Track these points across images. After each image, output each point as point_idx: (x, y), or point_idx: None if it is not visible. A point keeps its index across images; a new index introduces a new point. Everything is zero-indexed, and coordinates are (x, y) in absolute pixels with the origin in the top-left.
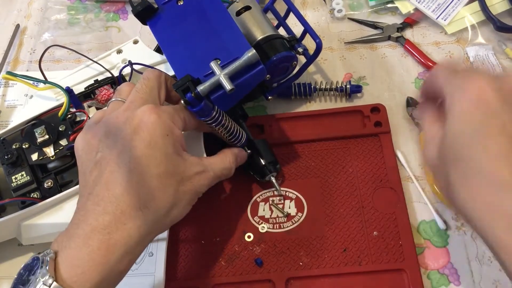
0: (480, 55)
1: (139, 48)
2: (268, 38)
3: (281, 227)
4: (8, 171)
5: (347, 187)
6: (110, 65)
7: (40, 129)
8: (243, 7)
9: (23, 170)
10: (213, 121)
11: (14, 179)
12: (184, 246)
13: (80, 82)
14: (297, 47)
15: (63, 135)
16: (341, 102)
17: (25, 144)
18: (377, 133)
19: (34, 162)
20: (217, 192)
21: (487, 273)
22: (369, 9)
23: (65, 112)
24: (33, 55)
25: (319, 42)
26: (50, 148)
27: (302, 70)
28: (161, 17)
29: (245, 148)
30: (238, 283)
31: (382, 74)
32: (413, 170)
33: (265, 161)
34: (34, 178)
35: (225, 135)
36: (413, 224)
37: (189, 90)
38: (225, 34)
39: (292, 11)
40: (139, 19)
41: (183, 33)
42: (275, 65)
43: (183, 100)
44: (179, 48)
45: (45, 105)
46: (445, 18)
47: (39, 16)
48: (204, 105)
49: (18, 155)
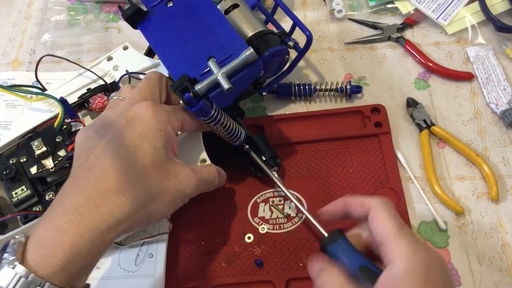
0: (480, 55)
1: (129, 53)
2: (259, 34)
3: (281, 228)
4: (8, 187)
5: (347, 187)
6: (101, 72)
7: (37, 141)
8: (231, 5)
9: (23, 184)
10: (212, 120)
11: (15, 194)
12: (184, 247)
13: (72, 92)
14: (287, 41)
15: (60, 146)
16: (341, 103)
17: (23, 158)
18: (377, 133)
19: (33, 175)
20: (217, 193)
21: (487, 273)
22: (369, 9)
23: (61, 122)
24: (33, 56)
25: (309, 35)
26: (49, 160)
27: (294, 64)
28: (151, 20)
29: (244, 145)
30: (238, 284)
31: (382, 75)
32: (413, 170)
33: (265, 156)
34: (34, 191)
35: (224, 134)
36: (413, 225)
37: (187, 90)
38: (217, 31)
39: (280, 6)
40: (129, 23)
41: (175, 33)
42: (268, 60)
43: (181, 100)
44: (173, 49)
45: (39, 117)
46: (445, 19)
47: (39, 17)
48: (203, 104)
49: (16, 170)
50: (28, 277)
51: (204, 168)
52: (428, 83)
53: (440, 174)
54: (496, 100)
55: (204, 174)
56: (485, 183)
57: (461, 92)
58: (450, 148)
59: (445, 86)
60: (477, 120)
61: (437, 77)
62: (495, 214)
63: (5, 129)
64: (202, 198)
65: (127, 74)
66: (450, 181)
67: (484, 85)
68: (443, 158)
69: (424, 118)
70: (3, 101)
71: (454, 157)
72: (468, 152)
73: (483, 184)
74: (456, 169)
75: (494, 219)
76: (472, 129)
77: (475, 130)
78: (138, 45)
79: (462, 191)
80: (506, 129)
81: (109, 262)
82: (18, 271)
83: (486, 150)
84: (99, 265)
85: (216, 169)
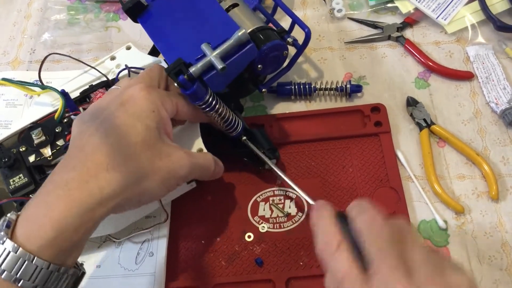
0: (480, 55)
1: (132, 53)
2: (258, 29)
3: (281, 227)
4: (6, 175)
5: (347, 186)
6: (105, 71)
7: (36, 131)
8: (231, 5)
9: (21, 172)
10: (207, 106)
11: (12, 182)
12: (184, 246)
13: (75, 89)
14: (286, 38)
15: (60, 136)
16: (341, 102)
17: (22, 147)
18: (377, 132)
19: (31, 163)
20: (217, 191)
21: (487, 272)
22: (369, 8)
23: (61, 114)
24: (33, 55)
25: (308, 31)
26: (47, 149)
27: (294, 61)
28: (151, 13)
29: (242, 136)
30: (238, 283)
31: (382, 74)
32: (413, 169)
33: (264, 147)
34: (32, 179)
35: (221, 123)
36: (413, 224)
37: (181, 72)
38: (213, 19)
39: (278, 3)
40: (129, 16)
41: (174, 25)
42: (266, 53)
43: (176, 82)
44: (171, 39)
45: (42, 111)
46: (445, 18)
47: (39, 16)
48: (197, 87)
49: (15, 158)
50: (16, 252)
51: (200, 154)
52: (428, 82)
53: (440, 173)
54: (496, 99)
55: (199, 160)
56: (485, 182)
57: (461, 91)
58: (450, 147)
59: (445, 85)
60: (477, 119)
61: (437, 76)
62: (495, 213)
63: (5, 128)
64: (202, 197)
65: (127, 68)
66: (450, 180)
67: (484, 84)
68: (443, 157)
69: (424, 117)
70: (3, 100)
71: (454, 156)
72: (468, 151)
73: (483, 183)
74: (456, 168)
75: (494, 218)
76: (472, 128)
77: (475, 129)
78: (139, 44)
79: (462, 190)
80: (506, 128)
81: (110, 261)
82: (7, 246)
83: (486, 149)
84: (99, 263)
85: (213, 157)
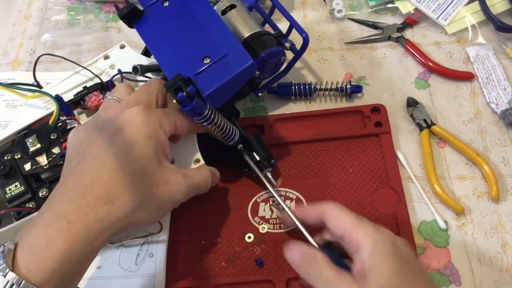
0: (480, 55)
1: (126, 52)
2: (256, 35)
3: (282, 227)
4: (1, 183)
5: (347, 187)
6: (98, 70)
7: (31, 138)
8: (228, 6)
9: (17, 180)
10: (206, 120)
11: (8, 190)
12: (184, 247)
13: (69, 89)
14: (284, 42)
15: (55, 143)
16: (341, 102)
17: (17, 155)
18: (378, 133)
19: (27, 172)
20: (217, 193)
21: (488, 273)
22: (369, 9)
23: (56, 120)
24: (33, 55)
25: (306, 36)
26: (43, 157)
27: (291, 66)
28: (147, 19)
29: (238, 145)
30: (238, 283)
31: (382, 74)
32: (414, 170)
33: (260, 157)
34: (28, 188)
35: (218, 134)
36: (413, 224)
37: (180, 89)
38: (212, 31)
39: (277, 6)
40: (125, 22)
41: (171, 33)
42: (263, 61)
43: (175, 99)
44: (168, 49)
45: (35, 114)
46: (445, 18)
47: (39, 17)
48: (196, 104)
49: (11, 166)
50: (20, 284)
51: (197, 173)
52: (428, 83)
53: (440, 173)
54: (497, 100)
55: (196, 180)
56: (485, 182)
57: (461, 91)
58: (450, 148)
59: (445, 86)
60: (477, 119)
61: (437, 77)
62: (495, 214)
63: (5, 129)
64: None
65: (119, 74)
66: (450, 181)
67: (485, 84)
68: (443, 157)
69: (425, 118)
70: (3, 101)
71: (454, 157)
72: (468, 152)
73: (483, 183)
74: (456, 169)
75: (494, 218)
76: (472, 129)
77: (475, 130)
78: (137, 45)
79: (462, 191)
80: (507, 128)
81: (110, 262)
82: (10, 279)
83: (486, 150)
84: (99, 264)
85: (209, 172)
